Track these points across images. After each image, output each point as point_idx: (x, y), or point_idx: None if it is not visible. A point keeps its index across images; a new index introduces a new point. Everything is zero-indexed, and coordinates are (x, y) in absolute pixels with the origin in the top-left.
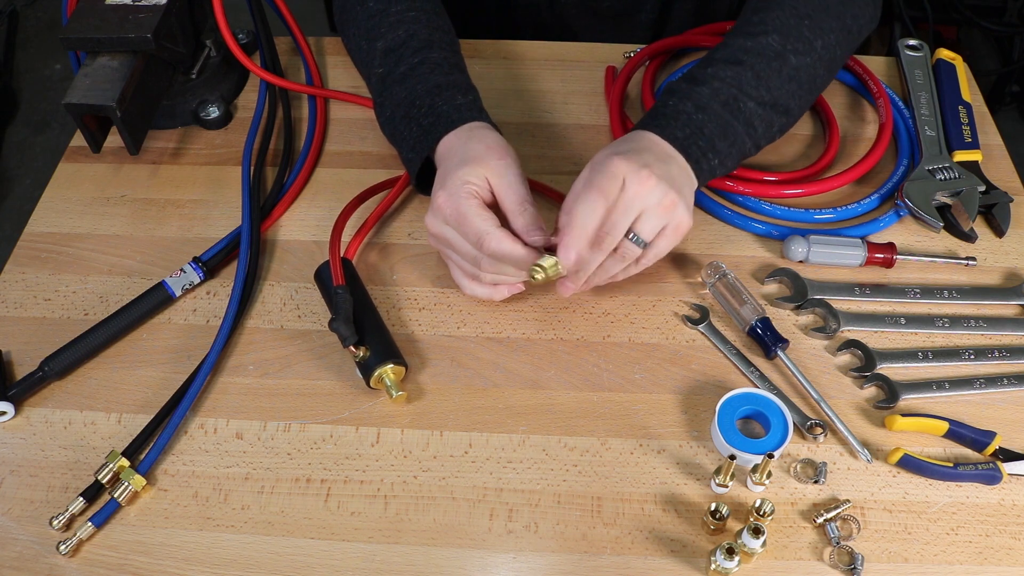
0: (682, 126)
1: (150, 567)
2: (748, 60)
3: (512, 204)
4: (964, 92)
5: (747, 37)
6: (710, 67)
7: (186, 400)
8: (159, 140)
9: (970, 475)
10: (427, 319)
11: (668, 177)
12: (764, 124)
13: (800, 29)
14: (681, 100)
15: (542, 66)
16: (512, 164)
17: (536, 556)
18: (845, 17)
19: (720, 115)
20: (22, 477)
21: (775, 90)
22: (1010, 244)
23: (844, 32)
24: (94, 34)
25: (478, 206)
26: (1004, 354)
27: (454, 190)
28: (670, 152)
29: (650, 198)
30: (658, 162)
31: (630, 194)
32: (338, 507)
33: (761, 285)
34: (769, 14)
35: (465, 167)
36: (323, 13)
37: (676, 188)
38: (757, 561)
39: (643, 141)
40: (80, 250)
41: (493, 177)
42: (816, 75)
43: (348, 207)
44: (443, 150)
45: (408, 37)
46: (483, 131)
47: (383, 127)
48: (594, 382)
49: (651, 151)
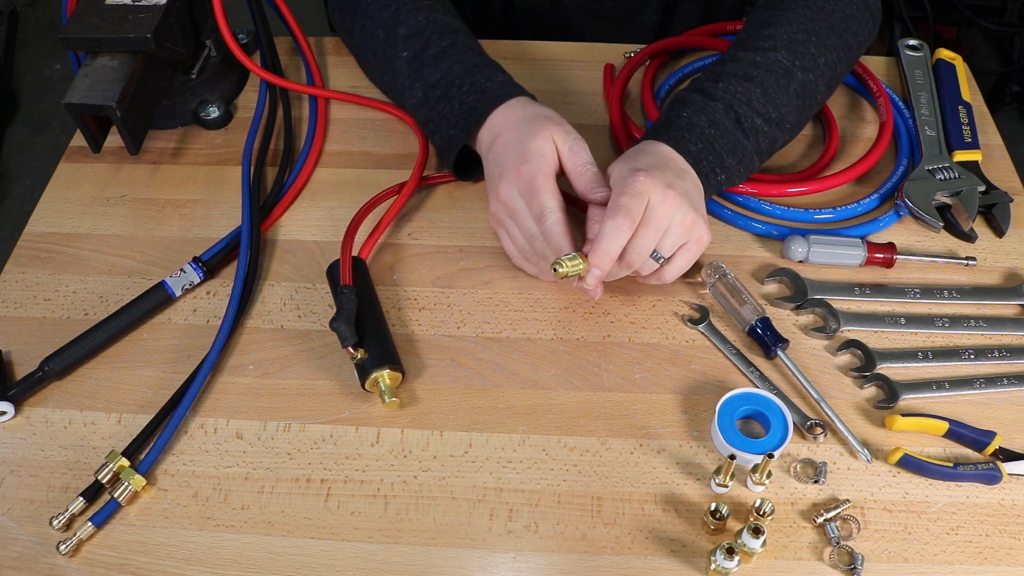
0: (695, 140)
1: (150, 567)
2: (758, 76)
3: (575, 166)
4: (964, 92)
5: (756, 52)
6: (721, 81)
7: (186, 400)
8: (159, 140)
9: (970, 475)
10: (427, 319)
11: (688, 194)
12: (768, 141)
13: (807, 45)
14: (695, 113)
15: (542, 66)
16: (570, 129)
17: (536, 556)
18: (847, 35)
19: (731, 132)
20: (22, 477)
21: (781, 107)
22: (1010, 244)
23: (845, 49)
24: (94, 34)
25: (553, 185)
26: (1004, 354)
27: (534, 161)
28: (684, 166)
29: (674, 217)
30: (678, 179)
31: (657, 215)
32: (338, 507)
33: (761, 285)
34: (777, 29)
35: (538, 139)
36: (323, 13)
37: (695, 205)
38: (757, 561)
39: (659, 155)
40: (80, 250)
41: (561, 144)
42: (818, 91)
43: (367, 205)
44: (497, 123)
45: (430, 22)
46: (534, 104)
47: (414, 109)
48: (594, 382)
49: (669, 167)
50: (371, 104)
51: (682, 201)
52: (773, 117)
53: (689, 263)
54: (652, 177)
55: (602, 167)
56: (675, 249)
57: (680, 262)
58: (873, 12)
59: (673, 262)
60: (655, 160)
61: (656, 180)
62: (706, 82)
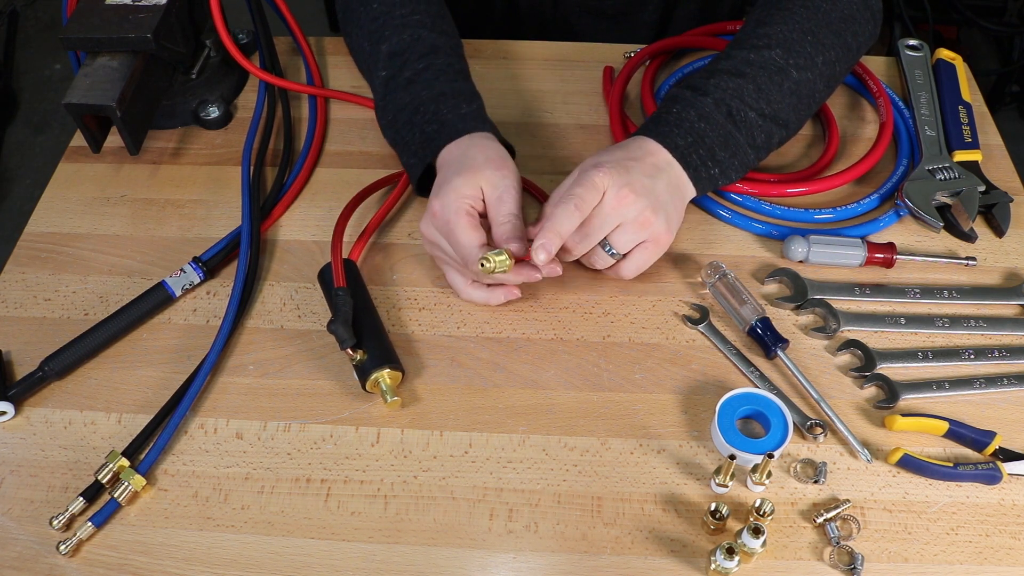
0: (684, 134)
1: (150, 567)
2: (751, 72)
3: (498, 215)
4: (964, 92)
5: (751, 50)
6: (712, 77)
7: (186, 400)
8: (159, 140)
9: (970, 475)
10: (427, 319)
11: (651, 193)
12: (764, 135)
13: (803, 44)
14: (684, 108)
15: (542, 66)
16: (508, 176)
17: (536, 556)
18: (846, 34)
19: (722, 125)
20: (22, 477)
21: (775, 103)
22: (1010, 244)
23: (844, 49)
24: (94, 34)
25: (468, 223)
26: (1004, 354)
27: (448, 201)
28: (666, 161)
29: (627, 213)
30: (644, 177)
31: (607, 209)
32: (338, 507)
33: (761, 285)
34: (773, 28)
35: (461, 177)
36: (323, 13)
37: (657, 204)
38: (757, 561)
39: (639, 150)
40: (80, 250)
41: (487, 188)
42: (816, 90)
43: (347, 208)
44: (445, 157)
45: (413, 41)
46: (484, 141)
47: (384, 130)
48: (594, 382)
49: (641, 163)
50: (371, 104)
51: (637, 199)
52: (767, 112)
53: (647, 261)
54: (611, 172)
55: None
56: (631, 246)
57: (637, 259)
58: (874, 12)
59: (629, 258)
60: (627, 155)
61: (614, 176)
62: (697, 79)
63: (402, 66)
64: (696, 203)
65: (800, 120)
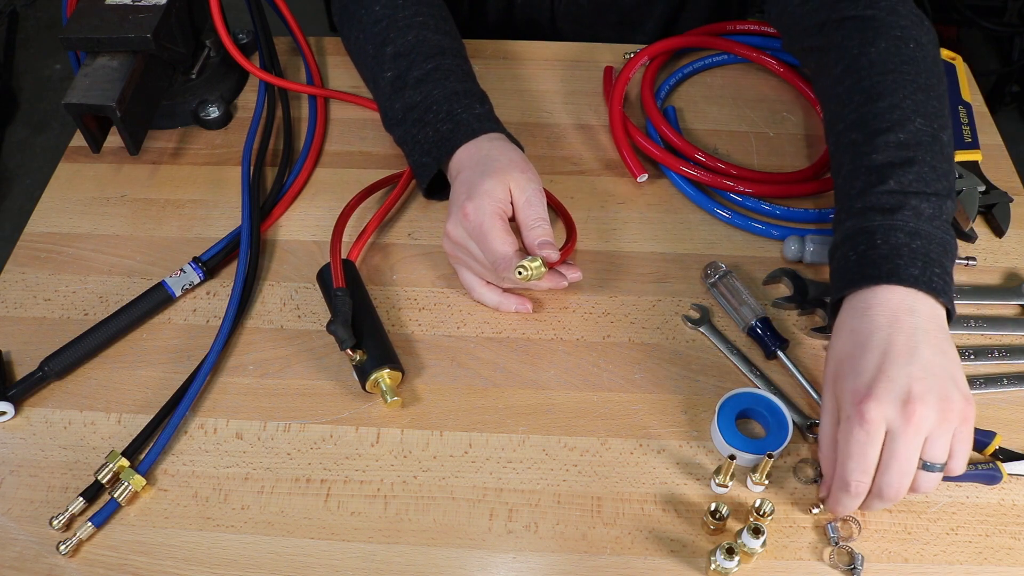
0: (910, 261)
1: (150, 567)
2: (919, 156)
3: (527, 219)
4: (964, 92)
5: (892, 131)
6: (885, 182)
7: (186, 400)
8: (159, 140)
9: (970, 475)
10: (427, 319)
11: (928, 376)
12: (949, 215)
13: (929, 103)
14: (887, 234)
15: (542, 66)
16: (533, 178)
17: (536, 556)
18: (937, 66)
19: (931, 234)
20: (22, 477)
21: (943, 177)
22: (1010, 244)
23: (940, 79)
24: (94, 34)
25: (502, 228)
26: (1004, 354)
27: (482, 204)
28: (909, 307)
29: (924, 425)
30: (906, 365)
31: (901, 446)
32: (338, 507)
33: (761, 285)
34: (896, 97)
35: (491, 179)
36: (323, 13)
37: (940, 381)
38: (757, 561)
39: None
40: (80, 250)
41: (516, 190)
42: (951, 143)
43: (347, 208)
44: (463, 158)
45: (419, 43)
46: (503, 143)
47: (391, 127)
48: (594, 382)
49: (894, 347)
50: (371, 104)
51: (924, 399)
52: (943, 191)
53: (969, 447)
54: (881, 401)
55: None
56: (948, 447)
57: (961, 454)
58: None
59: (955, 456)
60: (876, 354)
61: (886, 403)
62: (867, 195)
63: (409, 66)
64: (696, 203)
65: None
